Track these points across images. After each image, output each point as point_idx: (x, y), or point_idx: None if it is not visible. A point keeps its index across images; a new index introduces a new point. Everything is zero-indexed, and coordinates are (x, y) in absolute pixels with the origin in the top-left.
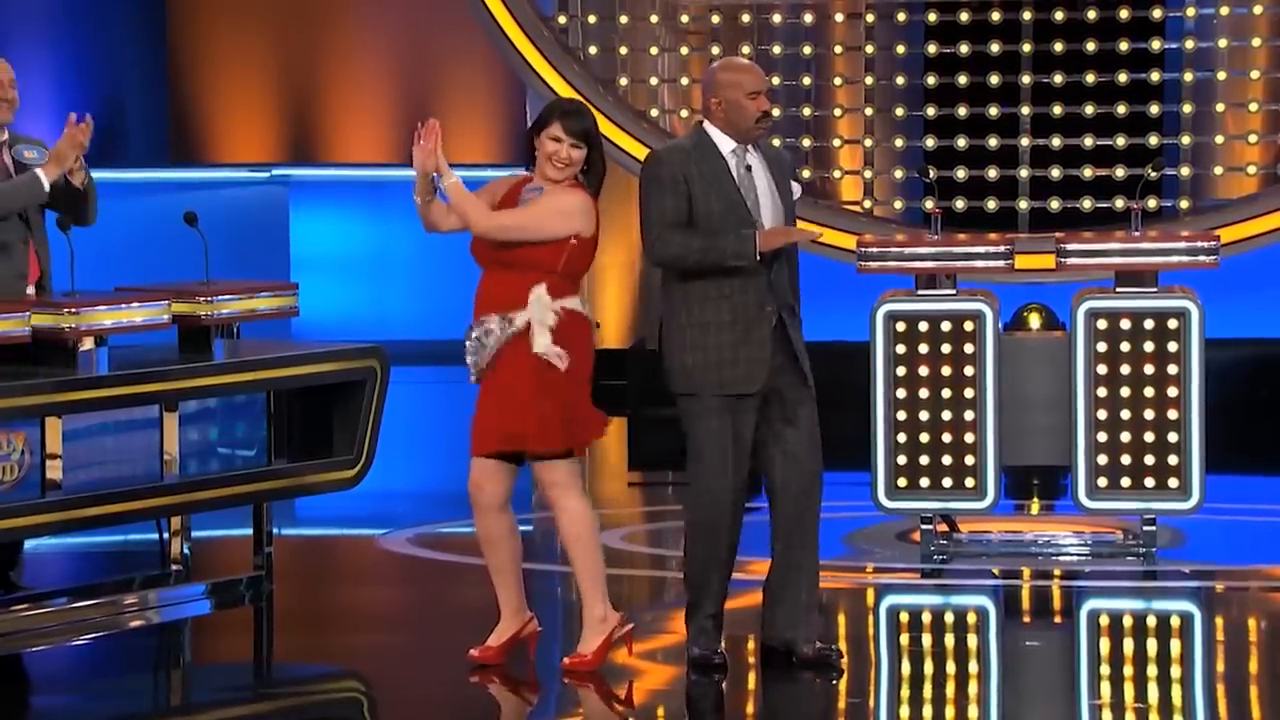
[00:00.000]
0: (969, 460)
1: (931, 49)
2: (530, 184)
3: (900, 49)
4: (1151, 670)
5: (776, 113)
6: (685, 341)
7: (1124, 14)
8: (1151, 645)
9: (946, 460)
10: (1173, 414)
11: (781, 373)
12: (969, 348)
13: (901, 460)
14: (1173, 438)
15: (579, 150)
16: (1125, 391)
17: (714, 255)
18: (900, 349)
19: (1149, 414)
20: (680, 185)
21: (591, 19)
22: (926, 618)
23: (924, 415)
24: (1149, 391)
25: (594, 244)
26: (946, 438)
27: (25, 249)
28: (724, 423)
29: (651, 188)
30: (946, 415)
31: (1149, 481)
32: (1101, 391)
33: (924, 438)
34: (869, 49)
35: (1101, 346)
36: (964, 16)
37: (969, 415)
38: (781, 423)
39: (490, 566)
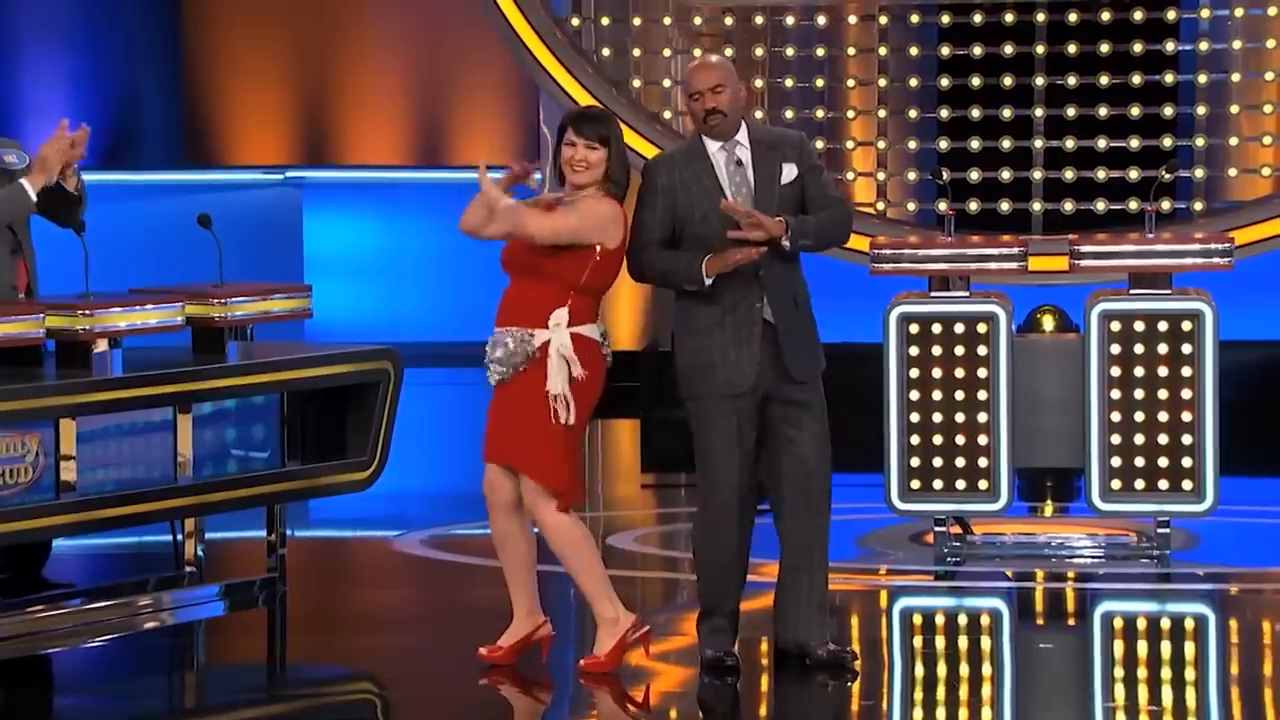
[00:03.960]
0: (982, 462)
1: (945, 51)
2: (564, 199)
3: (914, 51)
4: (1165, 673)
5: (789, 114)
6: (684, 345)
7: (1138, 16)
8: (1165, 648)
9: (960, 462)
10: (1186, 416)
11: (779, 373)
12: (982, 350)
13: (915, 462)
14: (1186, 440)
15: (595, 151)
16: (1139, 393)
17: (672, 281)
18: (914, 351)
19: (1163, 416)
20: (662, 197)
21: (605, 21)
22: (940, 620)
23: (937, 417)
24: (1163, 393)
25: (619, 259)
26: (960, 440)
27: (14, 260)
28: (727, 424)
29: (637, 200)
30: (960, 417)
31: (1163, 484)
32: (1115, 393)
33: (937, 439)
34: (882, 51)
35: (1115, 348)
36: (978, 18)
37: (982, 417)
38: (787, 424)
39: (504, 567)
